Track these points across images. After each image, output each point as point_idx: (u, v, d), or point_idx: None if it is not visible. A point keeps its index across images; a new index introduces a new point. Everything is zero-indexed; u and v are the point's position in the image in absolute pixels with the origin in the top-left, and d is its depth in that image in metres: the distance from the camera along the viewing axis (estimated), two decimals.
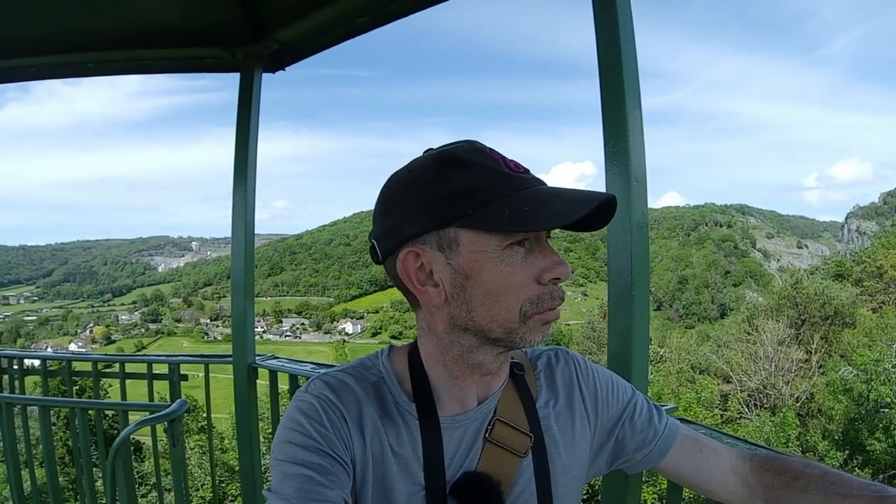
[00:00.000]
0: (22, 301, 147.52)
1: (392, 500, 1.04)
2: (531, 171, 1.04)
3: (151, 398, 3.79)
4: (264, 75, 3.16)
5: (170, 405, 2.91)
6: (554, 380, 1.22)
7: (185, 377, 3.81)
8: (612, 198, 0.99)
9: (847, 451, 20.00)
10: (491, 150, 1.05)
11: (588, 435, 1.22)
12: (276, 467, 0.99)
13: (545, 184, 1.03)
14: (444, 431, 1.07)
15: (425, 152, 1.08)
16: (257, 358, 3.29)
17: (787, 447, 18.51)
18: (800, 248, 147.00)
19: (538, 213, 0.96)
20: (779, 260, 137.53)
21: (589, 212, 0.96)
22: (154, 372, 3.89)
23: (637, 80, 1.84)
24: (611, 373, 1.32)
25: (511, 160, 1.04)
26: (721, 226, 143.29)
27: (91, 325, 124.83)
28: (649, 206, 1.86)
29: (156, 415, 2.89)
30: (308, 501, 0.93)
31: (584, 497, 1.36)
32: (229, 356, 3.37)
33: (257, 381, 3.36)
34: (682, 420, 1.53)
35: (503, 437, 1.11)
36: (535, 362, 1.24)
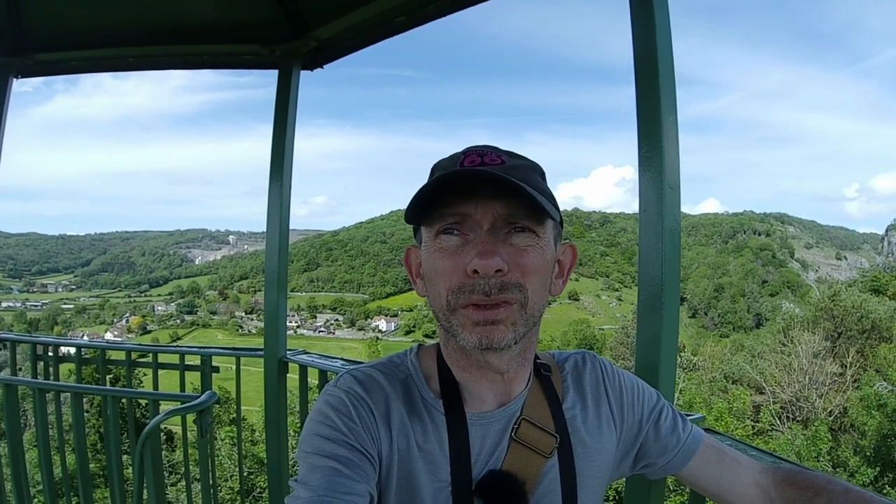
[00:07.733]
0: (60, 289, 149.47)
1: (417, 495, 1.05)
2: (501, 163, 1.02)
3: (183, 388, 3.83)
4: (302, 73, 3.20)
5: (200, 396, 2.95)
6: (581, 382, 1.23)
7: (216, 369, 3.84)
8: (476, 173, 0.98)
9: (878, 468, 19.72)
10: (471, 149, 1.06)
11: (614, 438, 1.22)
12: (303, 459, 1.01)
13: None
14: (470, 427, 1.08)
15: None
16: (288, 352, 3.33)
17: (818, 462, 18.22)
18: (838, 259, 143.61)
19: (415, 200, 0.99)
20: (817, 271, 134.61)
21: (443, 185, 0.97)
22: (186, 363, 3.94)
23: (674, 86, 1.82)
24: (637, 378, 1.32)
25: (477, 155, 1.03)
26: (759, 234, 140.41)
27: (127, 314, 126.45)
28: (687, 211, 1.82)
29: (186, 405, 2.92)
30: (334, 493, 0.94)
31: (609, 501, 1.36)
32: (261, 350, 3.42)
33: (288, 375, 3.40)
34: (708, 430, 1.52)
35: (529, 436, 1.11)
36: (562, 365, 1.25)
